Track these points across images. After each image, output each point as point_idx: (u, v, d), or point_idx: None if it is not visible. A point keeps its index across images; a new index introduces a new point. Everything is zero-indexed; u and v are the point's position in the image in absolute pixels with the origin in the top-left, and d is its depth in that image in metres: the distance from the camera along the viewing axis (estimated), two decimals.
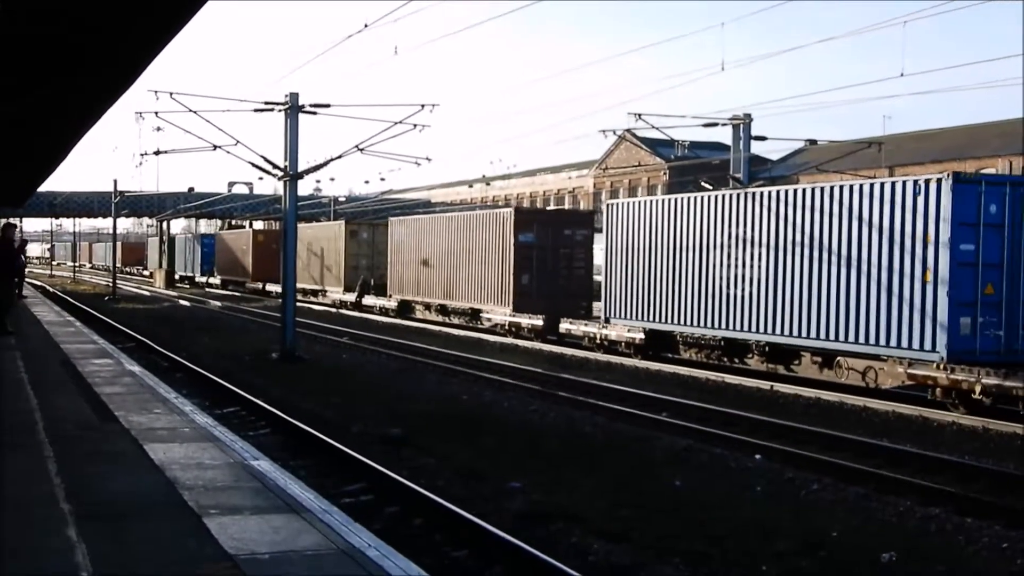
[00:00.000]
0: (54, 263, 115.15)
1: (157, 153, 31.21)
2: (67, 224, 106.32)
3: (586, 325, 27.02)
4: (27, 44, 9.35)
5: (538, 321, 29.18)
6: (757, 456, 12.95)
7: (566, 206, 77.72)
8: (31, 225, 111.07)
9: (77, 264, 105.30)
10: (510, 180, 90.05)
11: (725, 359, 22.23)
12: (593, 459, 12.54)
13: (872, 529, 9.59)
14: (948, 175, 17.43)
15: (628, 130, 38.05)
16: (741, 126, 29.22)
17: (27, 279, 43.44)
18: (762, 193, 21.32)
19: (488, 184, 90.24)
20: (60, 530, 6.44)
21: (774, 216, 20.54)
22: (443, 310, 36.17)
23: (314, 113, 24.30)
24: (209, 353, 24.42)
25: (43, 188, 38.46)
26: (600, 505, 10.11)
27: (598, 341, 25.95)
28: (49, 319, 26.94)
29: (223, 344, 26.96)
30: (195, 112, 23.56)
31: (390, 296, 40.27)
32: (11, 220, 33.08)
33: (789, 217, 20.19)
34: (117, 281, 58.80)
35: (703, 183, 38.62)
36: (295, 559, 5.96)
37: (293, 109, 23.86)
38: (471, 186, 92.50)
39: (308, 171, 26.04)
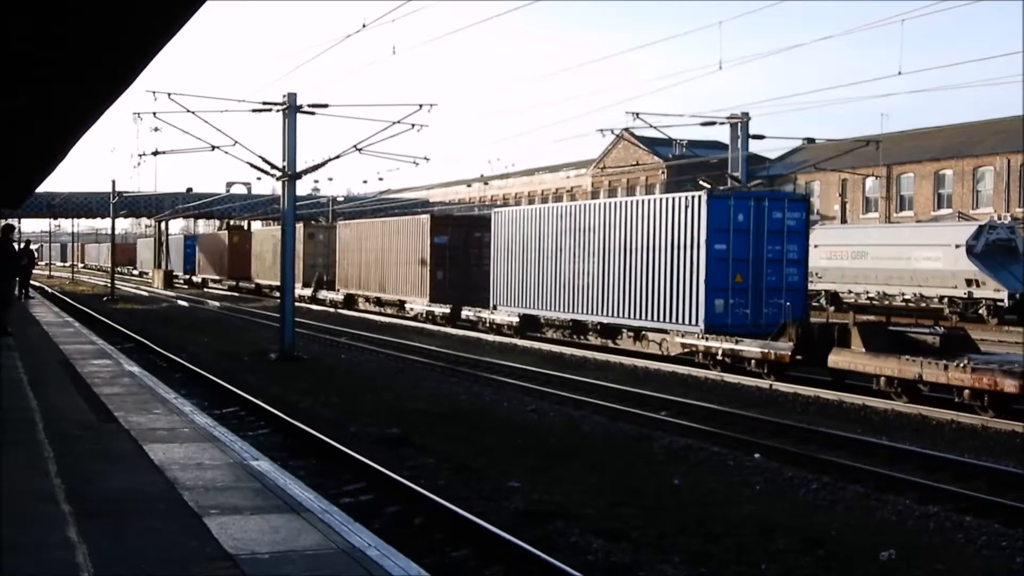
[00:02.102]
0: (42, 263, 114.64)
1: (155, 153, 31.24)
2: (65, 225, 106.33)
3: (479, 312, 32.03)
4: (18, 44, 9.35)
5: (447, 309, 34.19)
6: (756, 455, 12.95)
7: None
8: (29, 226, 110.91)
9: (74, 264, 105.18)
10: (508, 179, 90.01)
11: (574, 336, 27.51)
12: (593, 458, 12.54)
13: (871, 527, 9.60)
14: (705, 192, 22.73)
15: (626, 129, 38.10)
16: (739, 125, 29.24)
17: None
18: (593, 205, 27.35)
19: (486, 184, 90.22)
20: (60, 529, 6.46)
21: (600, 224, 25.69)
22: (379, 302, 41.06)
23: (312, 113, 24.29)
24: (208, 353, 24.42)
25: (41, 189, 38.44)
26: (599, 504, 10.11)
27: (488, 324, 31.18)
28: (48, 319, 26.95)
29: (222, 344, 26.96)
30: (193, 112, 23.58)
31: (338, 290, 45.27)
32: (10, 221, 33.07)
33: (609, 225, 25.32)
34: (116, 281, 58.78)
35: (701, 182, 38.64)
36: (295, 559, 5.97)
37: (291, 109, 23.85)
38: (469, 185, 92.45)
39: (306, 171, 26.05)
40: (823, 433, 14.34)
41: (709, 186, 29.10)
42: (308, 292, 47.59)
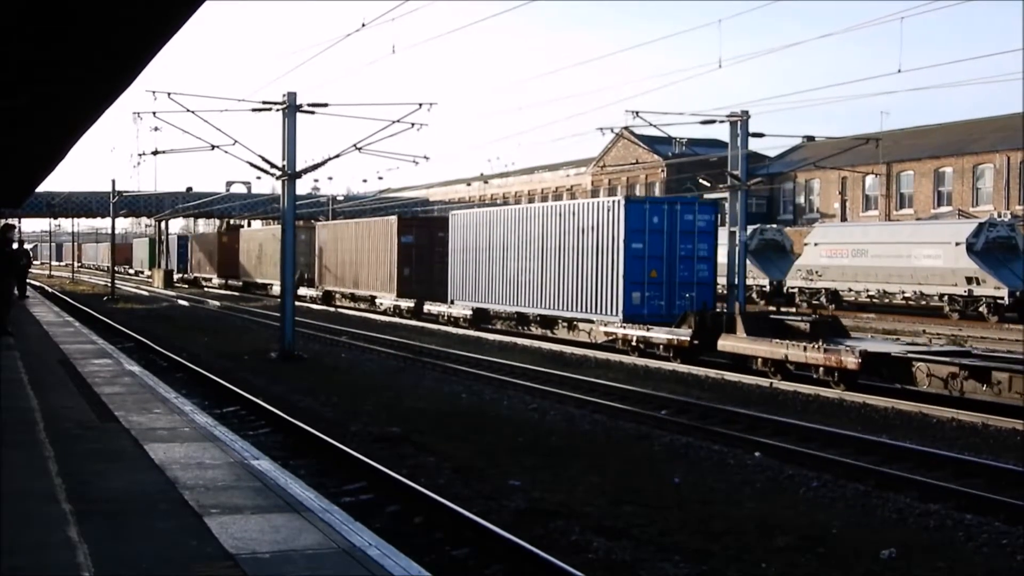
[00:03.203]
0: (37, 262, 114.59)
1: (155, 153, 31.41)
2: (65, 224, 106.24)
3: (439, 306, 34.90)
4: (18, 44, 9.35)
5: (411, 303, 37.02)
6: (757, 453, 12.95)
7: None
8: (29, 225, 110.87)
9: (73, 264, 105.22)
10: (508, 178, 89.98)
11: (519, 327, 30.44)
12: (593, 456, 12.54)
13: (872, 525, 9.60)
14: (623, 198, 26.36)
15: (626, 127, 38.04)
16: (739, 123, 29.16)
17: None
18: (532, 208, 30.75)
19: (486, 182, 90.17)
20: (61, 529, 6.46)
21: (539, 226, 28.63)
22: (352, 297, 44.21)
23: (312, 112, 24.25)
24: (208, 352, 24.42)
25: (41, 188, 38.45)
26: (600, 502, 10.12)
27: (446, 317, 33.98)
28: (48, 319, 26.95)
29: (222, 343, 26.96)
30: (193, 112, 23.52)
31: (318, 287, 48.26)
32: (10, 221, 33.07)
33: (546, 227, 28.30)
34: (116, 281, 58.76)
35: (701, 180, 38.65)
36: (296, 558, 5.97)
37: (291, 108, 23.82)
38: (469, 184, 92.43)
39: (306, 170, 26.00)
40: (823, 431, 14.34)
41: (709, 184, 29.72)
42: None
